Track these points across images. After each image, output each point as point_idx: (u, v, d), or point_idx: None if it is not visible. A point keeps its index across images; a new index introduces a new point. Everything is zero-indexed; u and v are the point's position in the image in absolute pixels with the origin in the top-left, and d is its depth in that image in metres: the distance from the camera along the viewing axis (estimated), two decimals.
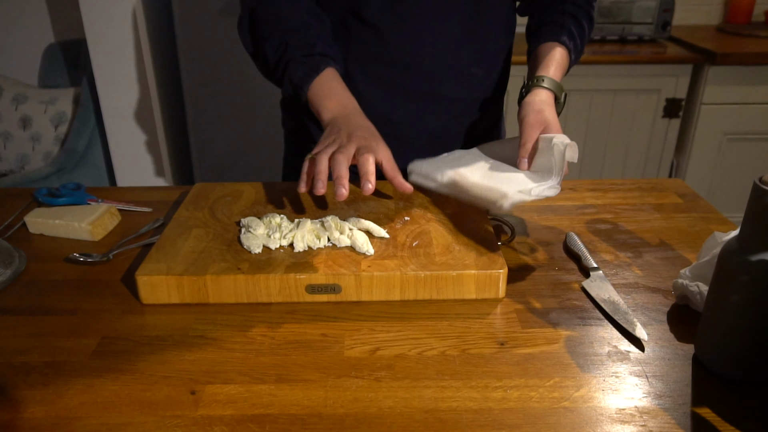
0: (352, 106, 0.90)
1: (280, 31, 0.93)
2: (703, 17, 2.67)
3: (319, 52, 0.92)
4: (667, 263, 0.83)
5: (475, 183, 0.83)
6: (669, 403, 0.59)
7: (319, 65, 0.91)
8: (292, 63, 0.91)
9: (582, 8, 1.01)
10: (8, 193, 1.06)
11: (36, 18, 2.58)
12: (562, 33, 0.98)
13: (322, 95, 0.90)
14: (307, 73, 0.91)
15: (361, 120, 0.88)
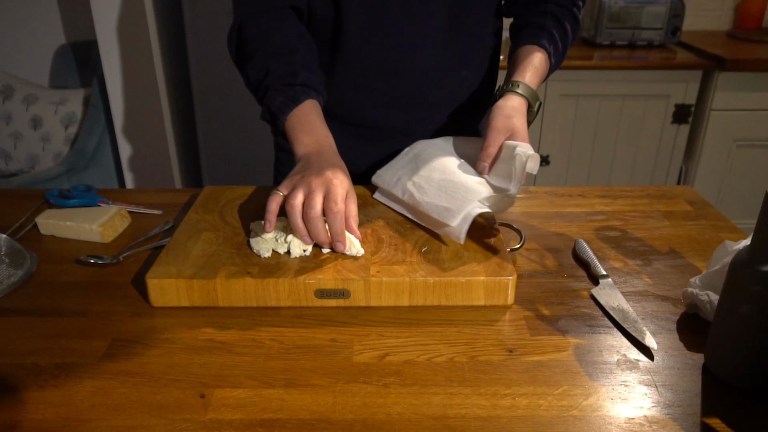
0: (327, 143, 0.87)
1: (264, 54, 0.91)
2: (713, 23, 2.66)
3: (300, 82, 0.89)
4: (676, 271, 0.82)
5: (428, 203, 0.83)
6: (678, 412, 0.59)
7: (299, 97, 0.88)
8: (271, 90, 0.89)
9: (565, 8, 0.99)
10: (20, 194, 1.07)
11: (47, 19, 2.60)
12: (542, 36, 0.96)
13: (298, 128, 0.87)
14: (286, 104, 0.87)
15: (334, 159, 0.84)
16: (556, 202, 1.03)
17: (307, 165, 0.82)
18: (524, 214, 0.98)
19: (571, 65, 2.20)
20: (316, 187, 0.77)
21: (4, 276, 0.80)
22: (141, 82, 2.26)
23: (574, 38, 1.02)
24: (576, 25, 1.02)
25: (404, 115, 1.04)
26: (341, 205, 0.77)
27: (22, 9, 2.58)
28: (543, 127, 2.32)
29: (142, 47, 2.20)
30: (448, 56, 1.00)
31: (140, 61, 2.22)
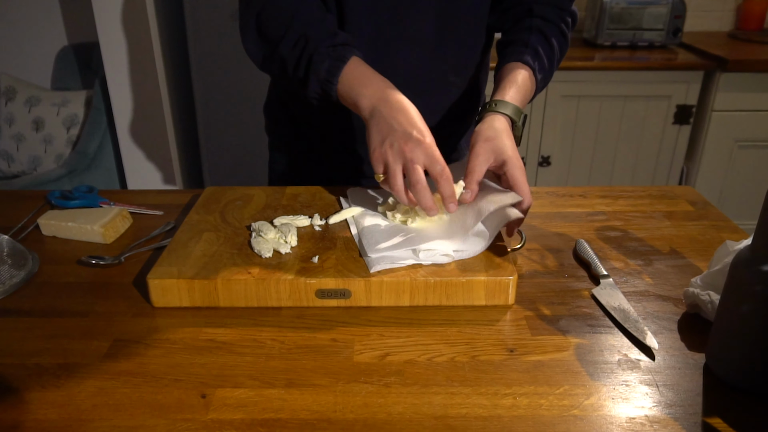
0: (390, 89, 0.83)
1: (297, 26, 0.87)
2: (714, 23, 2.66)
3: (341, 41, 0.86)
4: (677, 271, 0.82)
5: None
6: (679, 412, 0.59)
7: (345, 54, 0.85)
8: (315, 56, 0.85)
9: (552, 23, 0.97)
10: (22, 195, 1.07)
11: (49, 21, 2.61)
12: (525, 53, 0.93)
13: (356, 83, 0.84)
14: (335, 65, 0.84)
15: (405, 104, 0.82)
16: (557, 202, 1.03)
17: (383, 123, 0.80)
18: None
19: (572, 66, 2.21)
20: (413, 155, 0.76)
21: (7, 277, 0.80)
22: (142, 84, 2.26)
23: (562, 54, 1.00)
24: (564, 40, 0.99)
25: None
26: (446, 169, 0.76)
27: (24, 11, 2.59)
28: (544, 128, 2.32)
29: (144, 49, 2.20)
30: (437, 61, 1.00)
31: (142, 62, 2.23)
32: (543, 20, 0.96)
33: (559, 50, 0.99)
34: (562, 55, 1.00)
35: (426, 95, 1.02)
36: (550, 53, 0.96)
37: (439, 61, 1.00)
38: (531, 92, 0.94)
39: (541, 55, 0.94)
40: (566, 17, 0.99)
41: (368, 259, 0.76)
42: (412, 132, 0.78)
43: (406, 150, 0.77)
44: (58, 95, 2.46)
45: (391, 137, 0.78)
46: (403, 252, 0.76)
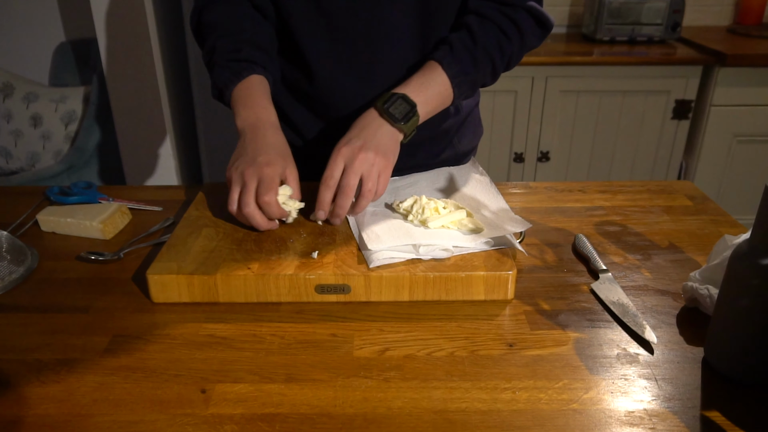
0: (265, 117, 0.88)
1: (214, 36, 0.95)
2: (713, 18, 2.66)
3: (244, 57, 0.91)
4: (676, 266, 0.83)
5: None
6: (678, 406, 0.59)
7: (242, 71, 0.91)
8: (216, 67, 0.93)
9: (489, 21, 0.92)
10: (20, 191, 1.07)
11: (47, 17, 2.60)
12: (440, 48, 0.91)
13: (240, 102, 0.89)
14: (230, 79, 0.91)
15: (270, 135, 0.86)
16: (556, 197, 1.03)
17: (241, 147, 0.86)
18: (524, 209, 0.98)
19: (571, 61, 2.20)
20: (249, 180, 0.80)
21: (6, 273, 0.80)
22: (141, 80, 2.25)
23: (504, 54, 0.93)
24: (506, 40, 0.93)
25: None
26: (271, 196, 0.80)
27: (21, 7, 2.58)
28: (543, 123, 2.32)
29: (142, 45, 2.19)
30: (419, 58, 0.98)
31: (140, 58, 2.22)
32: (477, 17, 0.93)
33: (498, 50, 0.92)
34: (503, 54, 0.93)
35: None
36: (474, 49, 0.91)
37: (421, 57, 0.99)
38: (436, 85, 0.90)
39: (457, 50, 0.90)
40: (513, 14, 0.92)
41: (367, 254, 0.76)
42: (257, 158, 0.82)
43: (245, 173, 0.81)
44: (56, 91, 2.45)
45: (239, 161, 0.83)
46: (402, 247, 0.77)
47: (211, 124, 2.26)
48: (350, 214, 0.86)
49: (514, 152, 2.38)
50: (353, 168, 0.82)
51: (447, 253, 0.76)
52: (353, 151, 0.83)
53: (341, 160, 0.83)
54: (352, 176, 0.82)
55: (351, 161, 0.82)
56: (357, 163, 0.82)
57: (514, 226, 0.80)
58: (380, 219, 0.84)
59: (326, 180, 0.83)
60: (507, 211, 0.86)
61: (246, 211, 0.80)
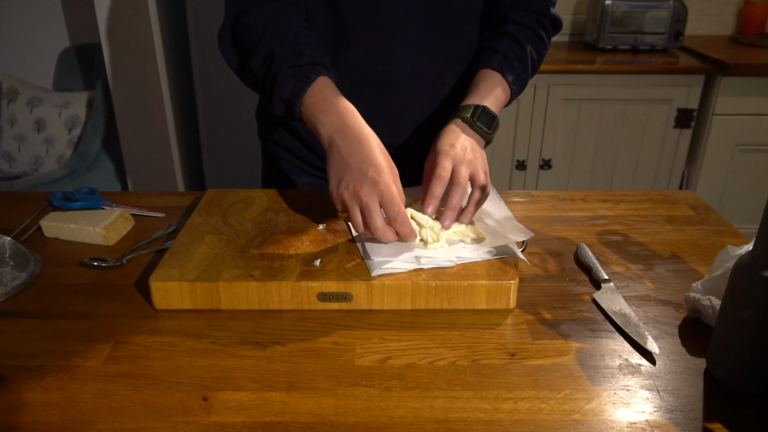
0: (350, 116, 0.82)
1: (265, 43, 0.87)
2: (715, 27, 2.67)
3: (308, 61, 0.84)
4: (678, 276, 0.83)
5: None
6: (680, 417, 0.59)
7: (310, 75, 0.83)
8: (279, 76, 0.84)
9: (526, 28, 0.97)
10: (24, 196, 1.07)
11: (51, 22, 2.61)
12: (494, 58, 0.94)
13: (316, 109, 0.83)
14: (298, 86, 0.83)
15: (363, 135, 0.80)
16: (558, 206, 1.03)
17: (339, 159, 0.79)
18: (526, 218, 0.98)
19: (573, 69, 2.21)
20: (368, 200, 0.75)
21: (9, 278, 0.80)
22: (144, 85, 2.26)
23: (540, 57, 1.00)
24: (542, 44, 0.99)
25: (389, 125, 1.03)
26: (402, 210, 0.76)
27: (26, 12, 2.59)
28: (545, 131, 2.33)
29: (146, 50, 2.20)
30: (433, 65, 1.00)
31: (144, 64, 2.23)
32: (517, 25, 0.97)
33: (536, 54, 0.99)
34: (539, 57, 1.00)
35: (422, 99, 1.03)
36: (523, 55, 0.96)
37: (435, 66, 1.00)
38: (501, 93, 0.93)
39: (510, 57, 0.95)
40: (544, 21, 0.99)
41: (370, 263, 0.76)
42: (367, 171, 0.76)
43: (362, 194, 0.76)
44: (60, 96, 2.46)
45: (346, 178, 0.77)
46: (404, 256, 0.77)
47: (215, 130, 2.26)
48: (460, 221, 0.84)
49: (516, 160, 2.38)
50: (463, 167, 0.82)
51: (450, 263, 0.76)
52: (461, 153, 0.83)
53: (450, 159, 0.82)
54: (464, 174, 0.82)
55: (459, 162, 0.82)
56: (466, 162, 0.82)
57: (516, 235, 0.80)
58: None
59: (439, 173, 0.81)
60: (510, 219, 0.86)
61: (378, 235, 0.76)
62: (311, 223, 0.88)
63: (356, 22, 0.94)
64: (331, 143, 0.81)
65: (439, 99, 1.04)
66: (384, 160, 0.78)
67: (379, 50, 0.96)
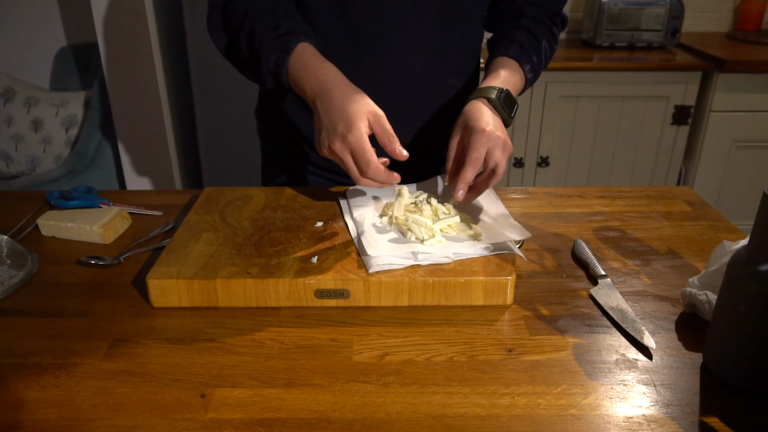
0: (327, 76, 0.85)
1: (248, 22, 0.90)
2: (712, 24, 2.67)
3: (285, 31, 0.87)
4: (675, 271, 0.83)
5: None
6: (677, 411, 0.59)
7: (289, 44, 0.86)
8: (262, 50, 0.88)
9: (540, 23, 1.00)
10: (21, 195, 1.07)
11: (48, 22, 2.61)
12: (511, 47, 0.96)
13: (300, 76, 0.86)
14: (280, 57, 0.87)
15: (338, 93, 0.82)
16: (555, 202, 1.03)
17: (318, 119, 0.83)
18: (523, 214, 0.99)
19: (570, 66, 2.21)
20: (342, 155, 0.80)
21: (6, 277, 0.80)
22: (141, 84, 2.26)
23: (551, 52, 1.03)
24: (554, 39, 1.03)
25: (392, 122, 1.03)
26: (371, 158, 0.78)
27: (23, 11, 2.58)
28: (543, 128, 2.33)
29: (143, 49, 2.20)
30: (437, 65, 1.00)
31: (141, 63, 2.23)
32: (532, 20, 1.00)
33: (549, 48, 1.02)
34: (551, 53, 1.03)
35: (426, 97, 1.03)
36: (538, 47, 0.99)
37: (439, 65, 1.00)
38: (518, 80, 0.96)
39: (527, 48, 0.97)
40: (556, 19, 1.02)
41: (367, 260, 0.76)
42: (337, 126, 0.80)
43: (336, 150, 0.80)
44: (57, 96, 2.46)
45: (323, 136, 0.82)
46: (402, 253, 0.77)
47: (212, 128, 2.26)
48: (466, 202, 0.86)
49: (513, 157, 2.38)
50: (498, 151, 0.82)
51: (447, 260, 0.77)
52: (496, 134, 0.83)
53: (485, 140, 0.82)
54: (502, 159, 0.82)
55: (495, 145, 0.82)
56: (500, 146, 0.83)
57: (513, 234, 0.80)
58: (379, 226, 0.84)
59: (476, 159, 0.82)
60: (507, 216, 0.86)
61: (363, 183, 0.81)
62: (308, 220, 0.88)
63: (361, 17, 0.94)
64: (314, 105, 0.85)
65: (442, 97, 1.04)
66: (355, 111, 0.80)
67: (383, 47, 0.97)
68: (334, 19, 0.95)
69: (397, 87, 1.00)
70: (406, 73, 0.99)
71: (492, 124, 0.84)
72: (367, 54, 0.97)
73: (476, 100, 0.89)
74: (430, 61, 0.99)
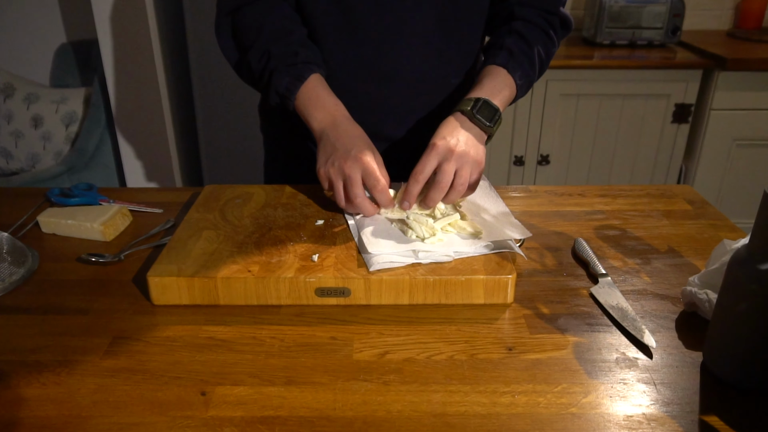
0: (340, 113, 0.91)
1: (262, 40, 0.93)
2: (713, 22, 2.67)
3: (302, 60, 0.92)
4: (675, 270, 0.83)
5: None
6: (677, 410, 0.59)
7: (303, 73, 0.91)
8: (276, 73, 0.92)
9: (533, 25, 0.97)
10: (21, 192, 1.07)
11: (48, 18, 2.60)
12: (499, 54, 0.94)
13: (309, 105, 0.91)
14: (292, 83, 0.91)
15: (351, 129, 0.89)
16: (555, 201, 1.03)
17: (329, 145, 0.88)
18: (524, 213, 0.99)
19: (571, 65, 2.21)
20: (351, 171, 0.83)
21: (6, 274, 0.80)
22: (141, 81, 2.26)
23: (547, 57, 1.00)
24: (550, 43, 0.99)
25: (393, 120, 1.04)
26: (382, 181, 0.84)
27: (22, 8, 2.58)
28: (543, 127, 2.33)
29: (143, 46, 2.20)
30: (439, 64, 1.00)
31: (141, 59, 2.22)
32: (524, 22, 0.97)
33: (544, 52, 0.98)
34: (547, 56, 1.00)
35: (428, 96, 1.03)
36: (530, 53, 0.96)
37: (441, 64, 1.00)
38: (506, 88, 0.93)
39: (516, 54, 0.94)
40: (552, 19, 0.98)
41: (368, 258, 0.76)
42: (351, 150, 0.85)
43: (345, 168, 0.84)
44: (57, 92, 2.46)
45: (333, 156, 0.86)
46: (402, 251, 0.77)
47: (212, 125, 2.26)
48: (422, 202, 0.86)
49: (514, 155, 2.38)
50: (449, 164, 0.83)
51: (447, 258, 0.77)
52: (448, 148, 0.83)
53: (435, 156, 0.83)
54: (448, 172, 0.83)
55: (446, 158, 0.83)
56: (453, 159, 0.83)
57: (513, 232, 0.80)
58: (381, 224, 0.84)
59: (416, 174, 0.83)
60: (507, 215, 0.86)
61: (357, 202, 0.84)
62: (309, 218, 0.88)
63: (362, 17, 0.94)
64: (322, 135, 0.89)
65: (444, 96, 1.04)
66: (368, 142, 0.87)
67: (384, 46, 0.97)
68: (334, 18, 0.95)
69: (398, 86, 1.00)
70: (408, 72, 0.99)
71: (450, 137, 0.84)
72: (368, 53, 0.97)
73: (450, 115, 0.89)
74: (431, 60, 0.99)
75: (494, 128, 0.90)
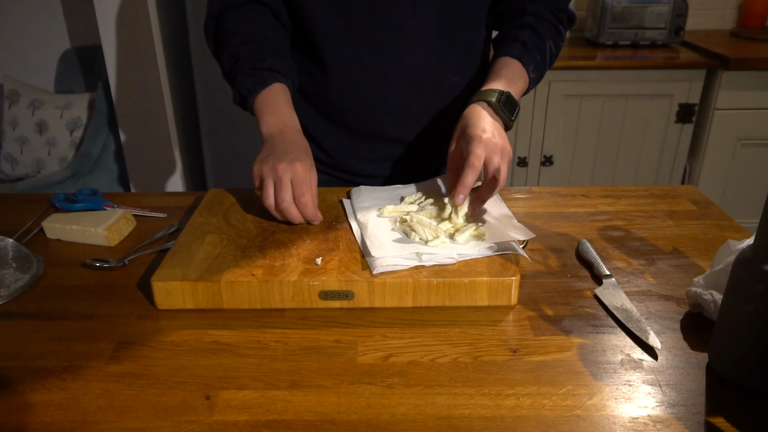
0: (291, 124, 0.91)
1: (236, 43, 0.96)
2: (716, 22, 2.66)
3: (268, 66, 0.93)
4: (680, 271, 0.82)
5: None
6: (683, 412, 0.59)
7: (266, 80, 0.93)
8: (240, 74, 0.94)
9: (545, 20, 0.99)
10: (26, 198, 1.07)
11: (52, 24, 2.62)
12: (513, 47, 0.96)
13: (265, 109, 0.92)
14: (254, 86, 0.93)
15: (298, 138, 0.89)
16: (559, 202, 1.03)
17: (271, 147, 0.88)
18: (528, 214, 0.98)
19: (574, 65, 2.20)
20: (283, 174, 0.83)
21: (11, 280, 0.81)
22: (145, 86, 2.27)
23: (557, 49, 1.02)
24: (559, 36, 1.01)
25: (393, 120, 1.04)
26: (308, 197, 0.83)
27: (27, 15, 2.59)
28: (546, 127, 2.32)
29: (146, 52, 2.21)
30: (439, 62, 1.00)
31: (144, 65, 2.23)
32: (535, 17, 0.98)
33: (554, 47, 1.01)
34: (557, 50, 1.02)
35: (429, 95, 1.03)
36: (542, 46, 0.98)
37: (442, 63, 1.00)
38: (521, 80, 0.95)
39: (529, 47, 0.96)
40: (561, 15, 1.01)
41: (371, 261, 0.76)
42: (288, 154, 0.85)
43: (278, 169, 0.83)
44: (62, 98, 2.47)
45: (269, 156, 0.86)
46: (406, 253, 0.77)
47: (216, 130, 2.26)
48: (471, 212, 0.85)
49: (517, 156, 2.38)
50: (496, 156, 0.82)
51: (451, 260, 0.76)
52: (493, 141, 0.83)
53: (483, 146, 0.82)
54: (502, 165, 0.82)
55: (492, 151, 0.82)
56: (498, 152, 0.83)
57: (517, 234, 0.80)
58: (383, 227, 0.84)
59: (474, 162, 0.81)
60: (510, 217, 0.86)
61: (283, 206, 0.83)
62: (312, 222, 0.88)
63: (361, 17, 0.95)
64: (267, 138, 0.90)
65: (445, 95, 1.04)
66: (305, 154, 0.87)
67: (383, 45, 0.97)
68: (333, 19, 0.95)
69: (398, 85, 1.00)
70: (407, 71, 0.99)
71: (489, 130, 0.84)
72: (368, 53, 0.97)
73: (475, 104, 0.89)
74: (431, 59, 0.99)
75: (514, 122, 0.91)
